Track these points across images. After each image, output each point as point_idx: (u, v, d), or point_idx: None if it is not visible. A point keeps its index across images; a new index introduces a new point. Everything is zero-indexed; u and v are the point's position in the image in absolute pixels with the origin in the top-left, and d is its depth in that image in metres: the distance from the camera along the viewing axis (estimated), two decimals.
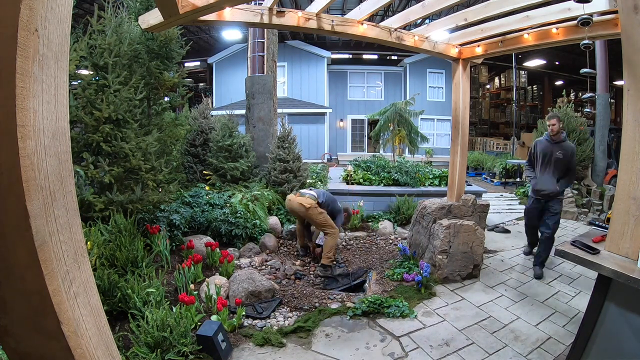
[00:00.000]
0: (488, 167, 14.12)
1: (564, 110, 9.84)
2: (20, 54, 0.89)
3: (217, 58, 22.70)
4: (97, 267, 3.87)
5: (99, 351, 1.20)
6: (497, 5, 3.93)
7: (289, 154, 7.73)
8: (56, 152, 1.03)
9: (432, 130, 22.95)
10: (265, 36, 9.04)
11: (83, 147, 4.58)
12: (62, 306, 1.06)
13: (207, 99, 9.56)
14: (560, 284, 4.84)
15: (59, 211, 1.05)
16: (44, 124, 0.98)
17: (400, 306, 4.13)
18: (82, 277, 1.16)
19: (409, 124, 14.07)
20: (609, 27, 3.56)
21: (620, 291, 2.36)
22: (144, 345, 3.09)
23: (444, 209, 5.48)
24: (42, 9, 0.94)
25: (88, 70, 4.90)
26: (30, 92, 0.92)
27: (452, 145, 5.66)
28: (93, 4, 6.71)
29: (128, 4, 6.07)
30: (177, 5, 3.05)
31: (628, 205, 2.31)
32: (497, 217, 8.34)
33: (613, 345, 2.44)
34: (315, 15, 4.02)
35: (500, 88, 28.24)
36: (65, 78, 1.05)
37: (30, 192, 0.94)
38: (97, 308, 1.23)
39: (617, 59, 2.73)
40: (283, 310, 4.26)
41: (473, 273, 5.00)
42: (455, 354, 3.41)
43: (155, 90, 6.15)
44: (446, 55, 5.21)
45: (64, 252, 1.07)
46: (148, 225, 4.85)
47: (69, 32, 1.06)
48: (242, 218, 5.94)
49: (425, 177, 9.36)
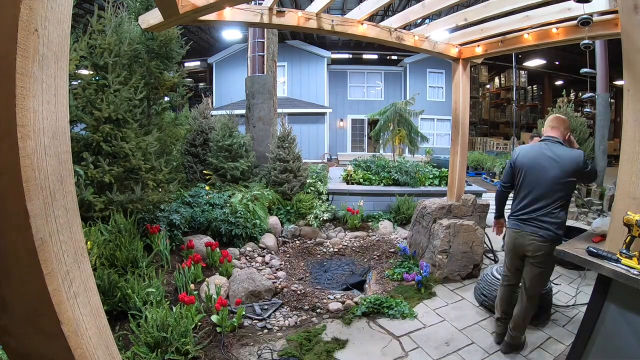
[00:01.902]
0: (488, 167, 14.12)
1: (564, 110, 9.84)
2: (20, 54, 0.89)
3: (217, 58, 22.70)
4: (97, 267, 3.87)
5: (99, 351, 1.20)
6: (497, 5, 3.93)
7: (289, 153, 7.74)
8: (56, 152, 1.03)
9: (432, 130, 22.96)
10: (265, 36, 9.05)
11: (83, 147, 4.58)
12: (62, 306, 1.06)
13: (207, 99, 9.56)
14: (560, 284, 4.84)
15: (59, 211, 1.05)
16: (44, 123, 0.98)
17: (400, 306, 4.14)
18: (82, 277, 1.15)
19: (409, 123, 14.05)
20: (609, 27, 3.56)
21: (620, 291, 2.36)
22: (143, 345, 3.09)
23: (444, 209, 5.48)
24: (42, 9, 0.94)
25: (88, 70, 4.91)
26: (30, 92, 0.92)
27: (452, 145, 5.66)
28: (93, 4, 6.72)
29: (128, 3, 6.07)
30: (177, 5, 3.04)
31: (628, 205, 2.30)
32: None
33: (613, 345, 2.44)
34: (315, 15, 4.02)
35: (500, 88, 28.29)
36: (65, 78, 1.05)
37: (30, 192, 0.94)
38: (97, 308, 1.23)
39: (617, 59, 2.73)
40: (284, 310, 4.26)
41: (473, 273, 5.00)
42: (455, 354, 3.41)
43: (155, 90, 6.16)
44: (446, 55, 5.21)
45: (64, 252, 1.07)
46: (148, 225, 4.86)
47: (69, 32, 1.06)
48: (242, 218, 5.94)
49: (425, 177, 9.35)
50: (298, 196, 7.51)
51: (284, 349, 3.44)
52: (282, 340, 3.59)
